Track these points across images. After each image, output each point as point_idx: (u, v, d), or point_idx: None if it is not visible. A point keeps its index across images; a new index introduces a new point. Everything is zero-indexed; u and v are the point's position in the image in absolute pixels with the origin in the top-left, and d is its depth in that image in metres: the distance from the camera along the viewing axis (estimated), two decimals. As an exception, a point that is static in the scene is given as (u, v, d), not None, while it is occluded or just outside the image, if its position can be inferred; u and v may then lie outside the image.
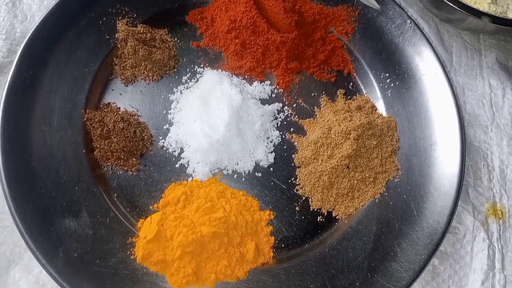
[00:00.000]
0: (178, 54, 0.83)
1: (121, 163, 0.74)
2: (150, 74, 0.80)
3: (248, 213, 0.72)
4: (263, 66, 0.83)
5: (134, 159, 0.74)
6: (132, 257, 0.67)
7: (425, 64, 0.80)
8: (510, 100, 0.86)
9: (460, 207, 0.76)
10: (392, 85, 0.81)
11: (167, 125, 0.78)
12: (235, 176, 0.76)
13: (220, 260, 0.67)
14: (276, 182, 0.75)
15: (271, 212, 0.73)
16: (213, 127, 0.75)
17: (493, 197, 0.78)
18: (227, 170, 0.76)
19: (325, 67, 0.84)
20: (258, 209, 0.73)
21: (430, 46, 0.80)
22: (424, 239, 0.69)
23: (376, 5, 0.79)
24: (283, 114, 0.81)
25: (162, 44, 0.82)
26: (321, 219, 0.73)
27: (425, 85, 0.79)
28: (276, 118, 0.80)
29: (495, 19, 0.77)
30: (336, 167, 0.74)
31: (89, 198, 0.70)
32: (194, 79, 0.81)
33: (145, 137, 0.76)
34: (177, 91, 0.80)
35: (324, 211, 0.74)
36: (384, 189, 0.74)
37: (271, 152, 0.77)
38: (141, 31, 0.81)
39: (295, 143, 0.78)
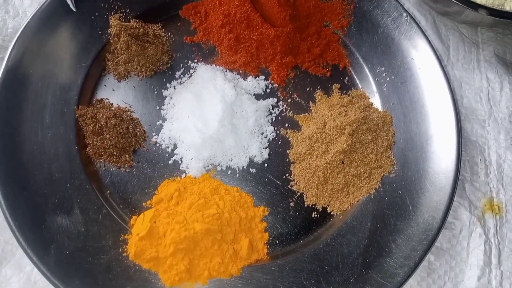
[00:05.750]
0: (172, 49, 0.82)
1: (114, 160, 0.73)
2: (143, 70, 0.79)
3: (242, 209, 0.71)
4: (257, 61, 0.82)
5: (127, 156, 0.74)
6: (124, 254, 0.66)
7: (421, 57, 0.79)
8: (508, 94, 0.85)
9: (457, 202, 0.76)
10: (387, 79, 0.80)
11: (160, 121, 0.77)
12: (229, 172, 0.75)
13: (213, 257, 0.66)
14: (270, 178, 0.75)
15: (265, 208, 0.73)
16: (207, 122, 0.75)
17: (490, 192, 0.77)
18: (221, 166, 0.75)
19: (320, 62, 0.83)
20: (252, 205, 0.72)
21: (426, 39, 0.79)
22: (419, 234, 0.68)
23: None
24: (278, 109, 0.80)
25: (155, 39, 0.81)
26: (315, 215, 0.73)
27: (421, 79, 0.78)
28: (270, 114, 0.79)
29: (492, 12, 0.75)
30: (331, 162, 0.73)
31: (81, 195, 0.69)
32: (188, 74, 0.81)
33: (138, 133, 0.75)
34: (170, 87, 0.79)
35: (319, 207, 0.73)
36: (379, 185, 0.73)
37: (266, 148, 0.77)
38: (134, 26, 0.79)
39: (290, 139, 0.78)
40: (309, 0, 0.85)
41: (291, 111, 0.80)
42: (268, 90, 0.81)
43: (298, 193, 0.74)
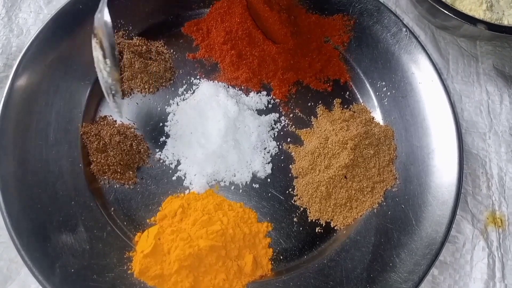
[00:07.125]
0: (174, 66, 0.83)
1: (118, 177, 0.73)
2: (146, 87, 0.80)
3: (245, 225, 0.71)
4: (259, 77, 0.82)
5: (130, 172, 0.74)
6: (129, 271, 0.66)
7: (421, 72, 0.80)
8: (508, 107, 0.85)
9: (459, 215, 0.76)
10: (388, 93, 0.81)
11: (164, 138, 0.77)
12: (233, 187, 0.75)
13: (217, 274, 0.66)
14: (273, 193, 0.75)
15: (269, 224, 0.73)
16: (210, 138, 0.75)
17: (492, 205, 0.78)
18: (224, 182, 0.75)
19: (321, 77, 0.84)
20: (256, 221, 0.73)
21: (426, 54, 0.80)
22: (423, 249, 0.68)
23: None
24: (280, 125, 0.80)
25: (158, 56, 0.82)
26: (319, 230, 0.73)
27: (421, 93, 0.79)
28: (273, 129, 0.80)
29: (490, 26, 0.76)
30: (334, 177, 0.73)
31: (85, 213, 0.70)
32: (191, 90, 0.81)
33: (142, 150, 0.76)
34: (173, 103, 0.80)
35: (322, 222, 0.73)
36: (382, 199, 0.74)
37: (268, 163, 0.77)
38: (137, 44, 0.81)
39: (292, 154, 0.78)
40: (309, 16, 0.86)
41: (293, 126, 0.80)
42: (270, 106, 0.82)
43: (302, 208, 0.74)
